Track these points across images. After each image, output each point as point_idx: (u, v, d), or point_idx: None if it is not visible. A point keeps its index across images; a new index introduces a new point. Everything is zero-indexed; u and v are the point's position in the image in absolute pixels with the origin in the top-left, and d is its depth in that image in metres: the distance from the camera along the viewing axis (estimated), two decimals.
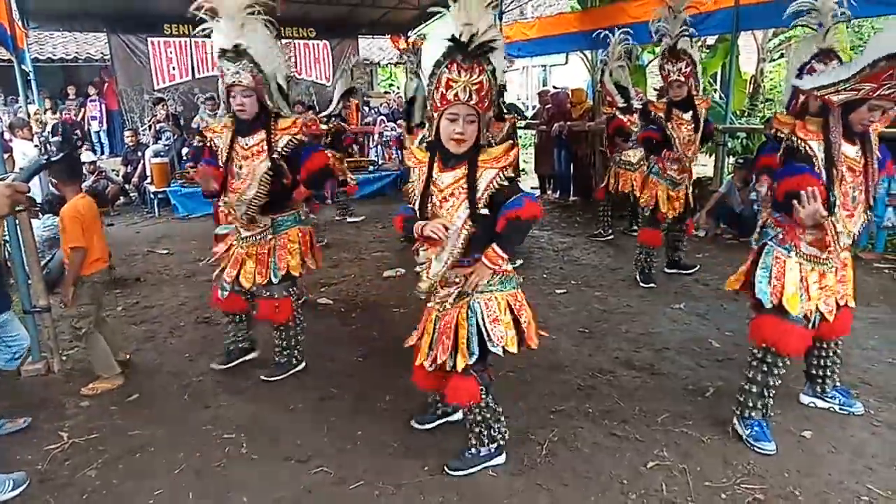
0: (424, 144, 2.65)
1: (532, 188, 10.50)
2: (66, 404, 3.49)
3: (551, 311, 4.75)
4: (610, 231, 7.02)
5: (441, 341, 2.60)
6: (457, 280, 2.58)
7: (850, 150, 2.66)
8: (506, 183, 2.41)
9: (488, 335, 2.53)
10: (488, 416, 2.74)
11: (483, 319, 2.55)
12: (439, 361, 2.60)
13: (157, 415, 3.36)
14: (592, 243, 6.86)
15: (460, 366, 2.56)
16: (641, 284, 5.31)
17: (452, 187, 2.46)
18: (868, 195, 2.73)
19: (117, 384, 3.66)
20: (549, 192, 10.04)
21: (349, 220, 8.33)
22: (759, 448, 2.86)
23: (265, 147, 3.37)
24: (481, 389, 2.65)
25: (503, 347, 2.54)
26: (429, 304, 2.74)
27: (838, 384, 3.25)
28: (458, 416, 3.06)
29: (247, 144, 3.40)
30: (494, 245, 2.45)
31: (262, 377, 3.72)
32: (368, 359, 4.00)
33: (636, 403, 3.34)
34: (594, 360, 3.90)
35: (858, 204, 2.71)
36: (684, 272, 5.57)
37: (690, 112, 4.97)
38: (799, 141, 2.68)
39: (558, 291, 5.21)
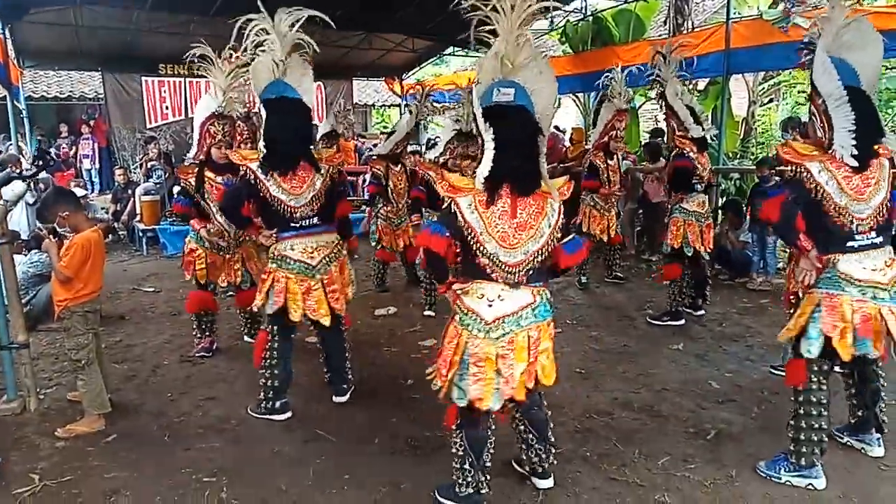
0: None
1: None
2: (41, 445, 3.32)
3: None
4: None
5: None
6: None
7: None
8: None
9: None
10: (457, 453, 2.63)
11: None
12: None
13: (134, 457, 3.20)
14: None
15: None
16: (692, 312, 5.35)
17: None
18: None
19: (96, 427, 3.47)
20: None
21: None
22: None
23: None
24: (455, 423, 2.60)
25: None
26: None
27: None
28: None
29: None
30: None
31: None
32: (358, 400, 3.85)
33: (636, 446, 3.22)
34: (591, 402, 3.79)
35: None
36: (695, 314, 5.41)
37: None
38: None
39: (554, 331, 5.08)
